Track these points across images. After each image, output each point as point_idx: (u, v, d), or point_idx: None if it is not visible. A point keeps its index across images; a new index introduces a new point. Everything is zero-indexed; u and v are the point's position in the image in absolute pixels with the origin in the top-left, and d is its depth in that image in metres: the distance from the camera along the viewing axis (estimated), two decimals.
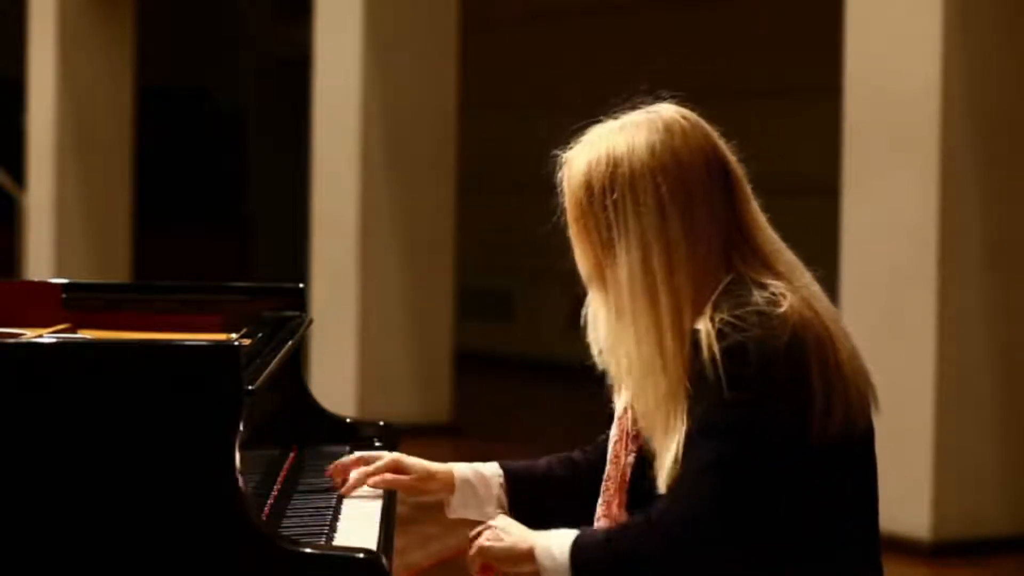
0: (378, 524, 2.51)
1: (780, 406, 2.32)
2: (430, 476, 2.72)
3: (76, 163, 11.92)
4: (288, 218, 14.53)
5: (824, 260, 2.63)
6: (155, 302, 3.28)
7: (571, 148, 2.49)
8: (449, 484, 2.71)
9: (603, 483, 2.59)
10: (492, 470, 2.74)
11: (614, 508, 2.55)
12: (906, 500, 6.26)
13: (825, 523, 2.39)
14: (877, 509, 2.48)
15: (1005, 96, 6.44)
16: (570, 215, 2.48)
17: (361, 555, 2.24)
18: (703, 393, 2.33)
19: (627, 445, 2.56)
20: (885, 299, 6.37)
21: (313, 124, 9.27)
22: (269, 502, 2.63)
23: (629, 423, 2.56)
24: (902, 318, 6.33)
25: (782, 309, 2.34)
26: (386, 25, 8.99)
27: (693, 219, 2.40)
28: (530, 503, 2.70)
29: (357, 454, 2.78)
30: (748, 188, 2.48)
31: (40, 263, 11.84)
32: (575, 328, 2.60)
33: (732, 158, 2.47)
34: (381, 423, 3.24)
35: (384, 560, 2.27)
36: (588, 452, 2.74)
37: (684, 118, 2.45)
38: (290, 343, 2.88)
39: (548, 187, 2.53)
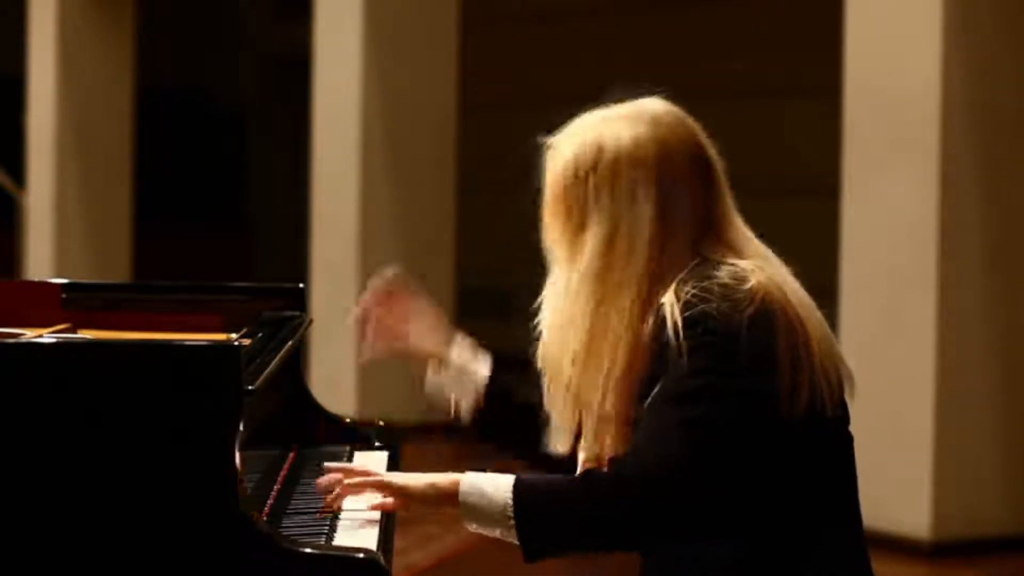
0: (378, 524, 2.51)
1: (746, 376, 2.33)
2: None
3: (76, 163, 11.92)
4: (288, 218, 14.52)
5: (824, 260, 2.64)
6: (155, 302, 3.28)
7: (557, 135, 2.52)
8: (440, 354, 2.77)
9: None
10: (482, 371, 2.78)
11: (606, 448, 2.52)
12: (906, 500, 6.26)
13: (800, 499, 2.39)
14: (857, 499, 2.48)
15: (1005, 96, 6.44)
16: (549, 194, 2.51)
17: (361, 555, 2.24)
18: (668, 364, 2.34)
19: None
20: (885, 299, 6.37)
21: (313, 124, 9.27)
22: (269, 502, 2.63)
23: None
24: (902, 318, 6.33)
25: (749, 284, 2.36)
26: (386, 25, 8.99)
27: (668, 210, 2.43)
28: (500, 417, 2.72)
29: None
30: (726, 184, 2.51)
31: (40, 263, 11.84)
32: None
33: (714, 154, 2.50)
34: (381, 423, 3.24)
35: (384, 560, 2.27)
36: None
37: (669, 112, 2.49)
38: (290, 343, 2.88)
39: None
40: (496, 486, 2.38)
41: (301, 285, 3.33)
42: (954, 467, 6.31)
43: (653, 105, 2.50)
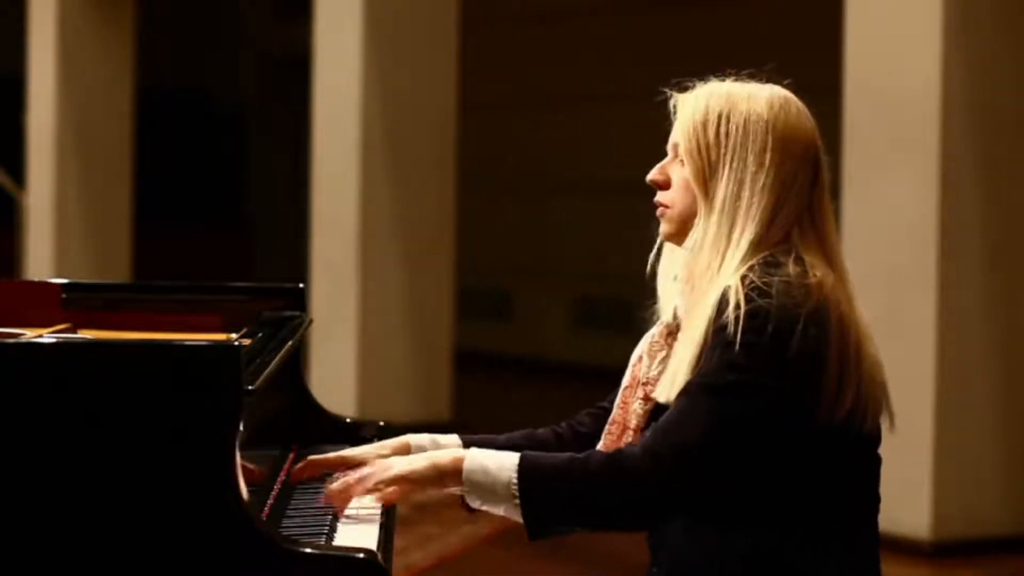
0: (378, 524, 2.51)
1: (789, 378, 2.35)
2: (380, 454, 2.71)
3: (76, 163, 11.92)
4: (288, 218, 14.53)
5: None
6: (155, 302, 3.28)
7: (686, 90, 2.61)
8: (404, 451, 2.70)
9: (607, 427, 2.60)
10: (449, 439, 2.74)
11: None
12: (906, 500, 6.26)
13: (819, 505, 2.41)
14: (876, 518, 2.51)
15: (1005, 96, 6.44)
16: (682, 131, 2.54)
17: (361, 555, 2.24)
18: (717, 349, 2.36)
19: (636, 391, 2.57)
20: (885, 299, 6.37)
21: (313, 124, 9.27)
22: (269, 502, 2.63)
23: (642, 371, 2.57)
24: (902, 318, 6.33)
25: (810, 281, 2.39)
26: (386, 25, 8.98)
27: (780, 180, 2.47)
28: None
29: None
30: (828, 184, 2.56)
31: (40, 263, 11.84)
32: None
33: (823, 153, 2.56)
34: (381, 423, 3.24)
35: (384, 560, 2.27)
36: (560, 428, 2.75)
37: (795, 100, 2.58)
38: (290, 343, 2.88)
39: (548, 187, 2.55)
40: (500, 464, 2.40)
41: (301, 285, 3.33)
42: (954, 467, 6.31)
43: (782, 90, 2.58)
